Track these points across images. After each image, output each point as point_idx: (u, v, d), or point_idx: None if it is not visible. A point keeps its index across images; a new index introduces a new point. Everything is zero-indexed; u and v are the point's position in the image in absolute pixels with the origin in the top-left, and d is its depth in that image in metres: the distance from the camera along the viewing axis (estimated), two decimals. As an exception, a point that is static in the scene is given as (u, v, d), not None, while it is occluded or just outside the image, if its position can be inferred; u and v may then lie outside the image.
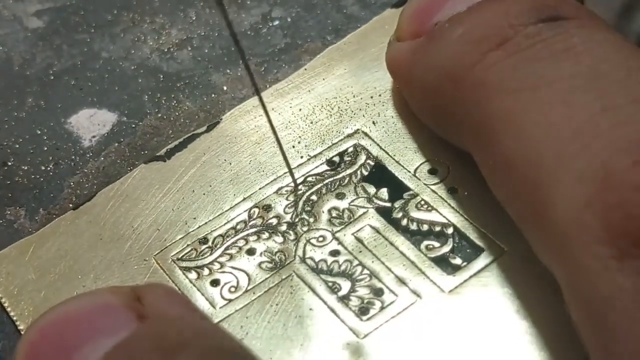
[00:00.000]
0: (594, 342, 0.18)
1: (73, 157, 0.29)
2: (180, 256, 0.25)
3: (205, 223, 0.25)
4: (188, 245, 0.25)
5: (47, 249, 0.25)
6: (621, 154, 0.18)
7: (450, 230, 0.24)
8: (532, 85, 0.20)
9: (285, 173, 0.26)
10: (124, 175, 0.27)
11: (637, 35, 0.27)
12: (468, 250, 0.24)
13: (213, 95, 0.30)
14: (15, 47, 0.32)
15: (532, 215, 0.20)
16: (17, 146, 0.29)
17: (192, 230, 0.25)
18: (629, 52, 0.21)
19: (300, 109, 0.28)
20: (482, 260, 0.23)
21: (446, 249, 0.24)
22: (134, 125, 0.29)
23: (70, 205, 0.27)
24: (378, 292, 0.23)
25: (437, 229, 0.24)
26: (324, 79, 0.29)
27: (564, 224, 0.18)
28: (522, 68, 0.21)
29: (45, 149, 0.29)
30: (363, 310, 0.23)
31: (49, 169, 0.29)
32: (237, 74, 0.30)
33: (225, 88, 0.30)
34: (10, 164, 0.29)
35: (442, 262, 0.24)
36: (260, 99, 0.24)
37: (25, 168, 0.29)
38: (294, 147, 0.27)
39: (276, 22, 0.32)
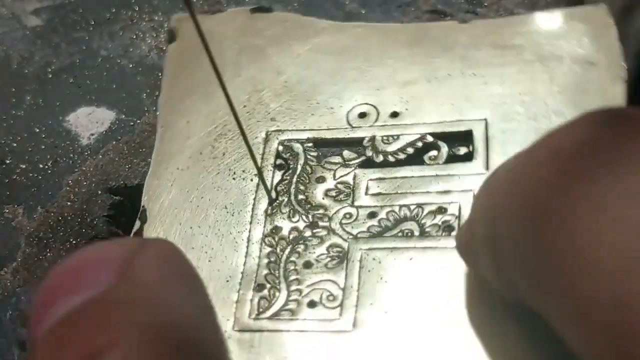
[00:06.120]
0: None
1: (71, 155, 0.29)
2: (257, 312, 0.23)
3: (242, 277, 0.23)
4: (250, 300, 0.23)
5: None
6: None
7: (429, 139, 0.24)
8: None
9: (254, 198, 0.25)
10: (122, 175, 0.27)
11: (637, 35, 0.26)
12: (457, 139, 0.24)
13: (212, 94, 0.30)
14: (14, 45, 0.32)
15: None
16: (15, 144, 0.29)
17: (240, 289, 0.23)
18: None
19: (200, 152, 0.26)
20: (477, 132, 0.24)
21: (444, 149, 0.24)
22: (132, 123, 0.29)
23: (69, 203, 0.27)
24: (441, 211, 0.23)
25: (419, 144, 0.24)
26: (187, 122, 0.27)
27: None
28: None
29: (44, 147, 0.29)
30: (450, 229, 0.23)
31: (47, 167, 0.29)
32: (235, 72, 0.30)
33: (223, 86, 0.30)
34: (8, 162, 0.29)
35: (455, 158, 0.24)
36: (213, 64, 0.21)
37: (24, 166, 0.29)
38: (234, 179, 0.25)
39: (275, 20, 0.32)
